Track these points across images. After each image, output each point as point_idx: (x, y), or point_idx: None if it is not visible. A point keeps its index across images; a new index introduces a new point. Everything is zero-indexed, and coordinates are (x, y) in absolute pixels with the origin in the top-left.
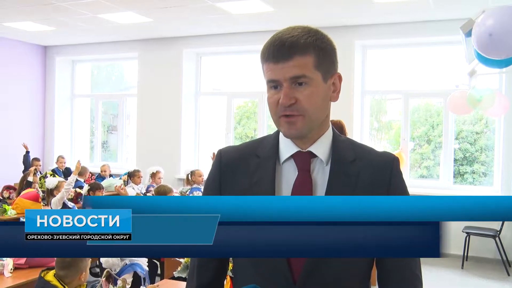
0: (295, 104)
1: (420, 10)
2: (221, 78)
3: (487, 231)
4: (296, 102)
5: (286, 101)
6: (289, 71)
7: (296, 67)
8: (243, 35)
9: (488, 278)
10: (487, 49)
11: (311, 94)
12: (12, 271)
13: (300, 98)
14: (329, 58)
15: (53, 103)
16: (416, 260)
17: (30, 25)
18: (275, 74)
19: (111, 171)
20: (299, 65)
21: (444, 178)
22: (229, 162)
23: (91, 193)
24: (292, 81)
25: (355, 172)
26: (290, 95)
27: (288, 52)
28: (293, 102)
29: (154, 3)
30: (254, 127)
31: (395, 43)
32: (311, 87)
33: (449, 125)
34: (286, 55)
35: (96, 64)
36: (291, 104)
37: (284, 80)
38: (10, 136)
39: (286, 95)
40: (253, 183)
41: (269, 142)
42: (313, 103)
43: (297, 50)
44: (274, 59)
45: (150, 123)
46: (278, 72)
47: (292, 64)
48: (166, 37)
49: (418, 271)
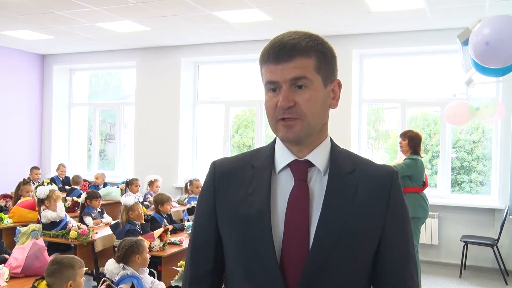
0: (294, 107)
1: (417, 19)
2: (219, 86)
3: (485, 240)
4: (295, 105)
5: (285, 103)
6: (289, 72)
7: (297, 68)
8: (241, 44)
9: (486, 287)
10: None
11: (310, 97)
12: (8, 280)
13: (299, 101)
14: (329, 64)
15: (51, 111)
16: (412, 276)
17: (28, 34)
18: (274, 75)
19: (109, 179)
20: (300, 66)
21: (441, 187)
22: (223, 173)
23: (88, 202)
24: (291, 83)
25: (354, 183)
26: (289, 97)
27: (289, 53)
28: (292, 104)
29: (152, 12)
30: (252, 136)
31: (392, 52)
32: (311, 90)
33: (446, 134)
34: (287, 56)
35: (94, 73)
36: (290, 107)
37: (283, 81)
38: (8, 144)
39: (285, 97)
40: (248, 194)
41: (264, 152)
42: (312, 107)
43: (299, 51)
44: (275, 60)
45: (148, 132)
46: (278, 73)
47: (293, 65)
48: (164, 45)
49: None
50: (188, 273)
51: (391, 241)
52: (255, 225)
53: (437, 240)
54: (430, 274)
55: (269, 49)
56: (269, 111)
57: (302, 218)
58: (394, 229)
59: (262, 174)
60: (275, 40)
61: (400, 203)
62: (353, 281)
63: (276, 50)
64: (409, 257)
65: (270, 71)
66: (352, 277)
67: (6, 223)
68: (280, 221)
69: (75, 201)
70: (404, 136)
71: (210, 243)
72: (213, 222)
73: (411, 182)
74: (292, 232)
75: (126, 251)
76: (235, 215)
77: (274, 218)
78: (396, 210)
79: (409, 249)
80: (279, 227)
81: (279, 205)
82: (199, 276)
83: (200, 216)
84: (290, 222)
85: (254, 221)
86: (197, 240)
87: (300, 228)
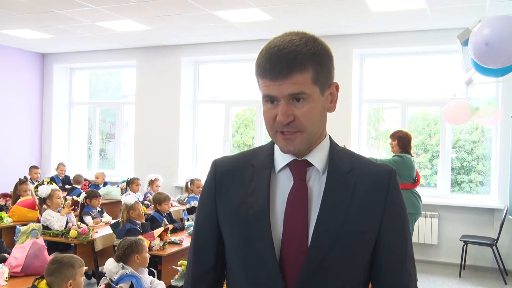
0: (293, 122)
1: (417, 19)
2: (219, 86)
3: (484, 239)
4: (294, 120)
5: (283, 119)
6: (287, 88)
7: (294, 85)
8: (242, 43)
9: (485, 286)
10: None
11: (309, 110)
12: (7, 279)
13: (298, 115)
14: (326, 69)
15: (51, 110)
16: (410, 275)
17: (29, 33)
18: (272, 90)
19: (109, 179)
20: (297, 82)
21: (441, 187)
22: (224, 172)
23: (88, 201)
24: (289, 97)
25: (352, 182)
26: (288, 112)
27: (286, 70)
28: (291, 119)
29: (152, 11)
30: (252, 135)
31: (393, 52)
32: (309, 103)
33: (446, 134)
34: (284, 73)
35: (94, 72)
36: (289, 122)
37: (281, 97)
38: (8, 143)
39: (284, 113)
40: (248, 193)
41: (264, 151)
42: (312, 118)
43: (295, 67)
44: (271, 76)
45: (148, 131)
46: (275, 89)
47: (290, 82)
48: (164, 45)
49: (413, 285)
50: (190, 271)
51: (389, 239)
52: (255, 225)
53: (436, 240)
54: (429, 274)
55: (264, 63)
56: (268, 121)
57: (301, 217)
58: (391, 228)
59: (262, 173)
60: (270, 52)
61: (398, 201)
62: (352, 279)
63: (272, 65)
64: (407, 256)
65: (267, 85)
66: (351, 275)
67: (6, 222)
68: (279, 220)
69: (75, 200)
70: (394, 137)
71: (212, 241)
72: (214, 221)
73: (400, 178)
74: (291, 231)
75: (125, 250)
76: (236, 214)
77: (273, 217)
78: (394, 209)
79: (407, 248)
80: (278, 226)
81: (278, 205)
82: (201, 273)
83: (202, 214)
84: (289, 221)
85: (254, 221)
86: (199, 238)
87: (299, 228)
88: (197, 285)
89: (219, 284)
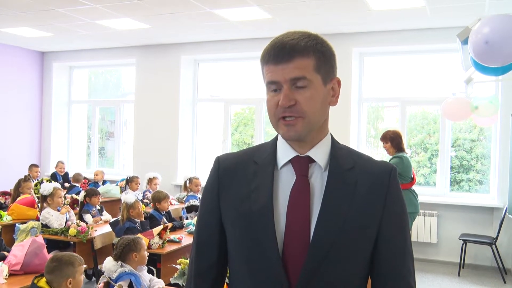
0: (295, 106)
1: (417, 18)
2: (219, 84)
3: (483, 238)
4: (295, 104)
5: (285, 102)
6: (289, 72)
7: (296, 69)
8: (241, 42)
9: (484, 285)
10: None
11: (311, 96)
12: (7, 277)
13: (300, 100)
14: (328, 62)
15: (50, 109)
16: (410, 272)
17: (28, 31)
18: (275, 75)
19: (108, 177)
20: (299, 66)
21: (440, 186)
22: (227, 169)
23: (87, 199)
24: (292, 82)
25: (353, 180)
26: (290, 96)
27: (289, 54)
28: (292, 103)
29: (152, 10)
30: (252, 134)
31: (392, 51)
32: (311, 89)
33: (445, 132)
34: (286, 56)
35: (93, 70)
36: (291, 106)
37: (284, 81)
38: (7, 142)
39: (286, 96)
40: (251, 190)
41: (267, 148)
42: (313, 105)
43: (298, 52)
44: (275, 61)
45: (147, 130)
46: (278, 73)
47: (293, 66)
48: (164, 43)
49: (412, 282)
50: (194, 265)
51: (389, 236)
52: (258, 220)
53: (436, 239)
54: (429, 273)
55: (269, 50)
56: (270, 109)
57: (303, 213)
58: (391, 225)
59: (265, 170)
60: (275, 41)
61: (398, 199)
62: (353, 275)
63: (276, 51)
64: (407, 253)
65: (271, 71)
66: (352, 270)
67: (5, 220)
68: (282, 215)
69: (74, 199)
70: (385, 139)
71: (215, 236)
72: (217, 217)
73: (400, 179)
74: (294, 226)
75: (124, 248)
76: (239, 210)
77: (276, 212)
78: (394, 207)
79: (406, 245)
80: (281, 221)
81: (281, 200)
82: (205, 268)
83: (205, 210)
84: (292, 216)
85: (257, 217)
86: (202, 233)
87: (301, 223)
88: (201, 280)
89: (222, 279)
